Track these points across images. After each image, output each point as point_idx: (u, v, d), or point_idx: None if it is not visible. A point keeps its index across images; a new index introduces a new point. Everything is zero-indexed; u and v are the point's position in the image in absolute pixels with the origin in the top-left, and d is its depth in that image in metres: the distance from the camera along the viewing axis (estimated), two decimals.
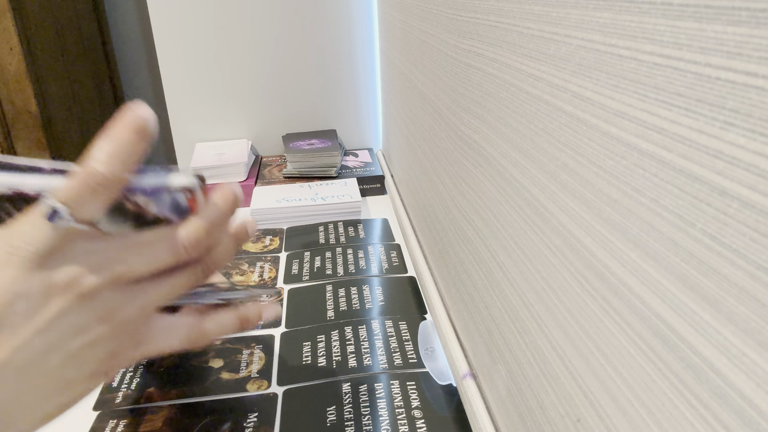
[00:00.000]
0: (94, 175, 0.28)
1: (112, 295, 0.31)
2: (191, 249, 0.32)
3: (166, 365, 0.50)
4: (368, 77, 0.98)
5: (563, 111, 0.25)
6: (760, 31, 0.14)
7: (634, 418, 0.21)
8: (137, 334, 0.33)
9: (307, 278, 0.63)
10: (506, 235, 0.34)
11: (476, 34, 0.38)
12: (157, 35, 0.91)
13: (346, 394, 0.46)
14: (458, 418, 0.43)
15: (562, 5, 0.25)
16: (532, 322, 0.31)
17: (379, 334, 0.53)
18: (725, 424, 0.16)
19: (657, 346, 0.19)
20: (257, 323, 0.39)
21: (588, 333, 0.24)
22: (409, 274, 0.63)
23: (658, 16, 0.18)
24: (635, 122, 0.20)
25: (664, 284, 0.19)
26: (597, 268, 0.23)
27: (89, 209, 0.28)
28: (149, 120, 0.29)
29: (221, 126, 0.98)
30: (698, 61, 0.16)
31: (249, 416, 0.44)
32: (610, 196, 0.22)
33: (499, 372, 0.38)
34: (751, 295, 0.15)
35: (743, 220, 0.15)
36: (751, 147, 0.14)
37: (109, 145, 0.28)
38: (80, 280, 0.29)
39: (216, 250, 0.35)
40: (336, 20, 0.93)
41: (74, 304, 0.29)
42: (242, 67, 0.94)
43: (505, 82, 0.33)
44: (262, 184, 0.86)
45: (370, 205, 0.84)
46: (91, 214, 0.29)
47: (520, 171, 0.31)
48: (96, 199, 0.28)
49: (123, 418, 0.44)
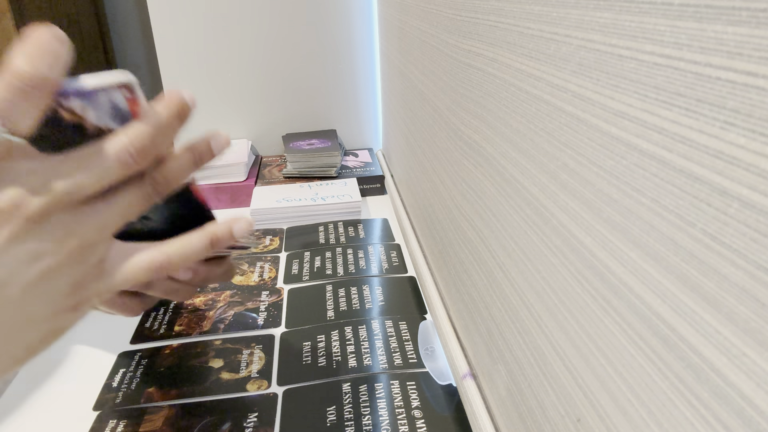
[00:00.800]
0: (21, 75, 0.25)
1: (64, 216, 0.29)
2: (137, 156, 0.29)
3: (166, 365, 0.50)
4: (368, 77, 0.98)
5: (563, 111, 0.25)
6: (760, 31, 0.14)
7: (634, 418, 0.21)
8: (97, 260, 0.31)
9: (307, 278, 0.63)
10: (506, 235, 0.34)
11: (476, 34, 0.38)
12: (157, 35, 0.91)
13: (346, 394, 0.46)
14: (458, 418, 0.43)
15: (562, 5, 0.25)
16: (532, 322, 0.31)
17: (379, 334, 0.53)
18: (725, 424, 0.16)
19: (657, 346, 0.19)
20: (229, 241, 0.35)
21: (588, 333, 0.24)
22: (409, 274, 0.63)
23: (658, 16, 0.18)
24: (635, 122, 0.20)
25: (664, 284, 0.19)
26: (597, 268, 0.23)
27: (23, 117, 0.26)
28: (61, 35, 0.27)
29: (221, 126, 0.98)
30: (698, 61, 0.16)
31: (249, 416, 0.44)
32: (610, 196, 0.22)
33: (499, 372, 0.38)
34: (751, 295, 0.15)
35: (743, 220, 0.15)
36: (751, 147, 0.14)
37: (30, 47, 0.26)
38: (26, 202, 0.27)
39: (169, 164, 0.32)
40: (336, 20, 0.93)
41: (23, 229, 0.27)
42: (242, 67, 0.94)
43: (505, 82, 0.33)
44: (262, 184, 0.86)
45: (370, 205, 0.84)
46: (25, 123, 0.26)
47: (520, 171, 0.31)
48: (28, 104, 0.26)
49: (123, 418, 0.44)
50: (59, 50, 0.26)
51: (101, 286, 0.31)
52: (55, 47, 0.26)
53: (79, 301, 0.31)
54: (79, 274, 0.30)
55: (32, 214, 0.27)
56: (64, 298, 0.30)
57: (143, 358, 0.51)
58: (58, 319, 0.30)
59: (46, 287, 0.29)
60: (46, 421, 0.45)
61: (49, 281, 0.29)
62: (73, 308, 0.31)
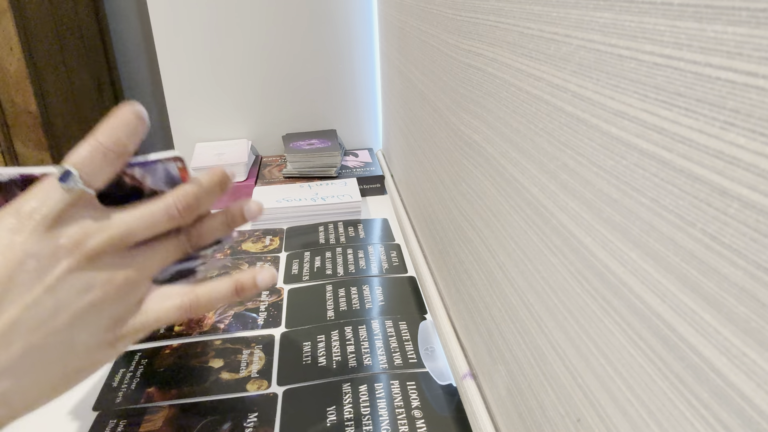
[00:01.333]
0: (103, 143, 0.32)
1: (114, 257, 0.33)
2: (183, 211, 0.35)
3: (166, 365, 0.50)
4: (368, 77, 0.98)
5: (563, 111, 0.25)
6: (760, 31, 0.14)
7: (634, 418, 0.21)
8: (137, 298, 0.35)
9: (307, 278, 0.63)
10: (506, 235, 0.34)
11: (476, 34, 0.38)
12: (157, 35, 0.91)
13: (346, 394, 0.46)
14: (458, 418, 0.43)
15: (562, 5, 0.25)
16: (532, 322, 0.31)
17: (379, 334, 0.53)
18: (725, 424, 0.16)
19: (657, 346, 0.19)
20: (255, 290, 0.38)
21: (588, 333, 0.24)
22: (409, 274, 0.63)
23: (658, 16, 0.18)
24: (635, 122, 0.20)
25: (664, 284, 0.19)
26: (597, 268, 0.23)
27: (98, 174, 0.32)
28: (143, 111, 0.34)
29: (221, 126, 0.98)
30: (698, 61, 0.16)
31: (249, 416, 0.44)
32: (610, 196, 0.22)
33: (499, 372, 0.38)
34: (751, 295, 0.15)
35: (743, 220, 0.15)
36: (751, 147, 0.14)
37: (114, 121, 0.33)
38: (86, 241, 0.32)
39: (205, 222, 0.38)
40: (336, 20, 0.93)
41: (80, 264, 0.31)
42: (242, 67, 0.94)
43: (505, 82, 0.33)
44: (262, 184, 0.86)
45: (370, 205, 0.84)
46: (99, 179, 0.32)
47: (520, 171, 0.31)
48: (104, 165, 0.32)
49: (123, 418, 0.44)
50: (138, 128, 0.33)
51: (137, 323, 0.35)
52: (135, 124, 0.33)
53: (117, 337, 0.34)
54: (121, 310, 0.34)
55: (89, 251, 0.32)
56: (105, 332, 0.33)
57: (143, 358, 0.51)
58: (97, 352, 0.33)
59: (91, 319, 0.32)
60: (46, 421, 0.45)
61: (94, 313, 0.32)
62: (111, 343, 0.34)
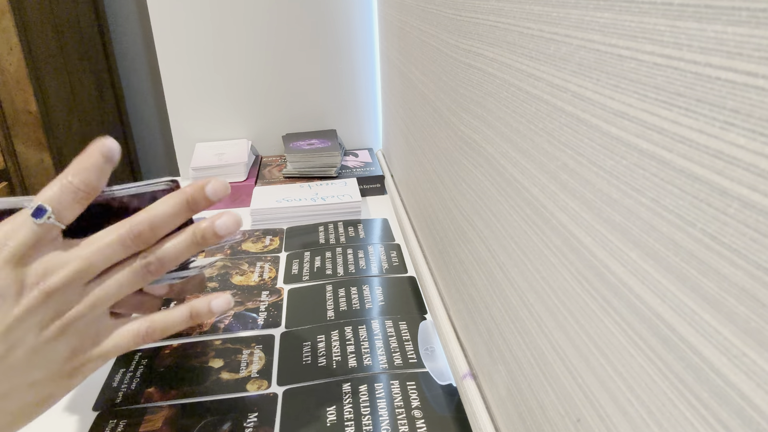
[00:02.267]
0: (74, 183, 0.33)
1: (73, 293, 0.34)
2: (134, 240, 0.35)
3: (166, 365, 0.50)
4: (368, 77, 0.98)
5: (563, 111, 0.25)
6: (760, 31, 0.14)
7: (634, 418, 0.21)
8: (94, 330, 0.35)
9: (307, 278, 0.63)
10: (506, 235, 0.34)
11: (476, 34, 0.38)
12: (157, 35, 0.91)
13: (346, 394, 0.46)
14: (458, 418, 0.43)
15: (562, 5, 0.25)
16: (532, 322, 0.31)
17: (379, 334, 0.53)
18: (725, 424, 0.16)
19: (657, 346, 0.19)
20: (209, 315, 0.38)
21: (588, 333, 0.24)
22: (409, 274, 0.63)
23: (658, 16, 0.18)
24: (635, 122, 0.20)
25: (664, 284, 0.19)
26: (597, 268, 0.23)
27: (68, 211, 0.34)
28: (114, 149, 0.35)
29: (221, 126, 0.98)
30: (698, 61, 0.16)
31: (249, 416, 0.44)
32: (610, 196, 0.22)
33: (499, 372, 0.38)
34: (751, 295, 0.15)
35: (743, 220, 0.15)
36: (751, 147, 0.14)
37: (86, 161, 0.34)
38: (47, 279, 0.33)
39: (164, 245, 0.36)
40: (336, 20, 0.93)
41: (40, 302, 0.32)
42: (242, 67, 0.94)
43: (505, 82, 0.33)
44: (262, 184, 0.86)
45: (370, 205, 0.84)
46: (68, 216, 0.34)
47: (520, 171, 0.31)
48: (74, 203, 0.34)
49: (123, 418, 0.44)
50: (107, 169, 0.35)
51: (95, 353, 0.36)
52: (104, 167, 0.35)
53: (75, 367, 0.35)
54: (78, 341, 0.35)
55: (48, 289, 0.33)
56: (63, 364, 0.34)
57: (143, 358, 0.51)
58: (56, 383, 0.34)
59: (48, 352, 0.33)
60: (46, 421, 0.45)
61: (51, 348, 0.33)
62: (69, 374, 0.35)
